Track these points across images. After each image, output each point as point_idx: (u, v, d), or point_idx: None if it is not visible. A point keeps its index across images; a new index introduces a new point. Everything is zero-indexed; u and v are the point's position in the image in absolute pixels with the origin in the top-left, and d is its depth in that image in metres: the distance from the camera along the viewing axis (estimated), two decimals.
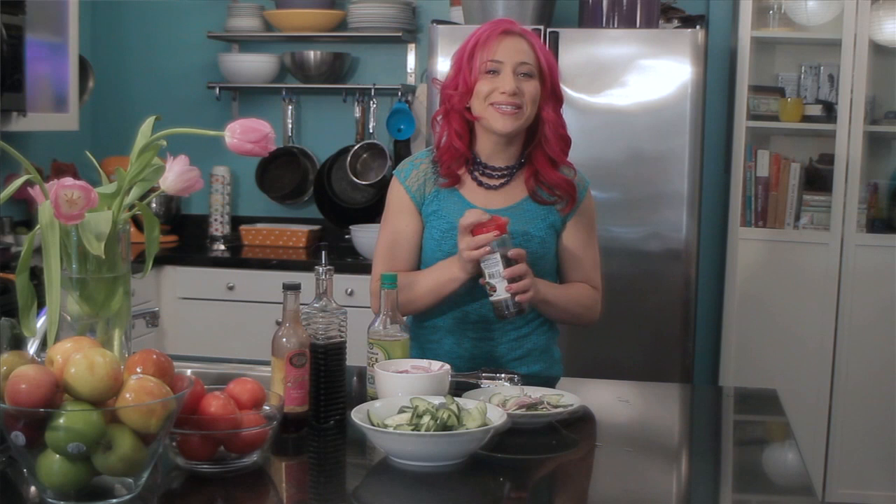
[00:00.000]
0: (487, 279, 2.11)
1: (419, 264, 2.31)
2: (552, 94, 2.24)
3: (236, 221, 4.51)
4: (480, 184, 2.29)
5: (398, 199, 2.32)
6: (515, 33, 2.21)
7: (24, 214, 4.07)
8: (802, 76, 4.15)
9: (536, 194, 2.28)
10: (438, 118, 2.29)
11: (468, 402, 1.74)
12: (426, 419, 1.65)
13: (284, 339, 1.79)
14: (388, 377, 1.87)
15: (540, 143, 2.25)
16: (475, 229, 2.10)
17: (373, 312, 2.30)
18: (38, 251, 1.49)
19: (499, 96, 2.18)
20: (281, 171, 4.56)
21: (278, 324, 1.82)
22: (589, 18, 3.71)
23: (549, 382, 2.17)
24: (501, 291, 2.10)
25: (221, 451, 1.60)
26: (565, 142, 2.28)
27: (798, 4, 4.00)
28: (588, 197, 2.34)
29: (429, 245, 2.28)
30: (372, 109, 4.40)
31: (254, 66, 4.49)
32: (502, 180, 2.29)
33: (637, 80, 3.54)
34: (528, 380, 2.10)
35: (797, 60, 4.18)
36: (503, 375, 2.10)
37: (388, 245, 2.31)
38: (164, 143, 1.56)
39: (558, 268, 2.34)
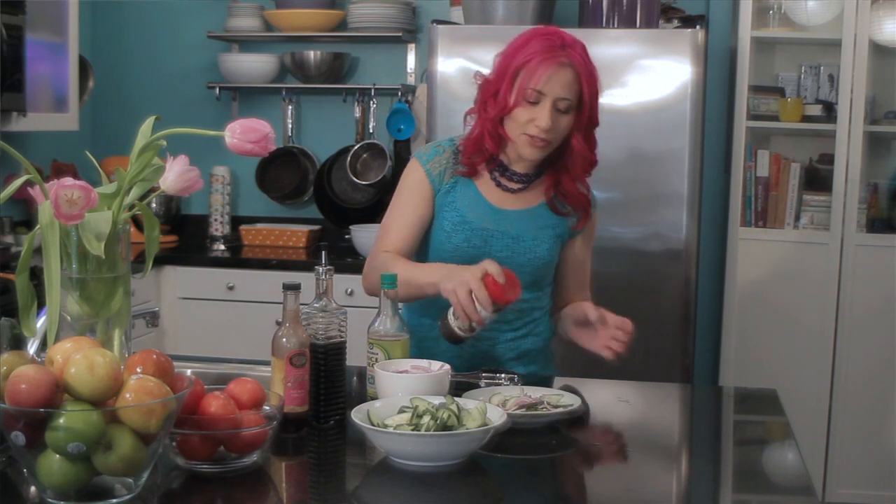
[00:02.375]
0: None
1: (418, 246, 2.29)
2: (587, 123, 2.23)
3: (236, 221, 4.51)
4: (499, 184, 2.29)
5: (416, 180, 2.29)
6: (566, 64, 2.16)
7: (24, 214, 4.07)
8: (802, 76, 4.15)
9: (553, 202, 2.29)
10: (474, 115, 2.27)
11: (468, 402, 1.74)
12: (426, 419, 1.65)
13: (284, 339, 1.79)
14: (388, 377, 1.87)
15: (566, 164, 2.25)
16: (486, 278, 2.00)
17: (361, 286, 2.30)
18: (38, 251, 1.48)
19: (534, 129, 2.16)
20: (281, 171, 4.55)
21: (278, 324, 1.82)
22: (589, 18, 3.70)
23: (545, 382, 2.17)
24: (457, 321, 2.06)
25: (221, 451, 1.60)
26: (591, 164, 2.29)
27: (798, 4, 4.00)
28: (595, 214, 2.37)
29: (438, 236, 2.27)
30: (372, 109, 4.39)
31: (254, 66, 4.49)
32: (521, 185, 2.29)
33: (637, 80, 3.54)
34: (528, 380, 2.10)
35: (797, 60, 4.18)
36: (503, 375, 2.10)
37: (394, 219, 2.29)
38: (164, 143, 1.56)
39: (555, 276, 2.36)
